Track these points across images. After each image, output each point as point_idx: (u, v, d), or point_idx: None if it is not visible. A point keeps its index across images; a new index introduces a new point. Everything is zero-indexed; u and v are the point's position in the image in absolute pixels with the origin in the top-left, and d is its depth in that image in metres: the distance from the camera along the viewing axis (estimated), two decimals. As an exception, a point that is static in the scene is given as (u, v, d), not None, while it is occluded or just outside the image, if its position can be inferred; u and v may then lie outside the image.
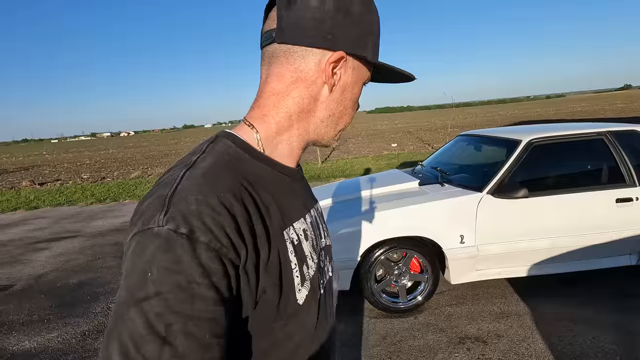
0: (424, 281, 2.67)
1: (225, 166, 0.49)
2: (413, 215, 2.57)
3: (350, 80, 0.55)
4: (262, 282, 0.46)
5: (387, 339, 2.37)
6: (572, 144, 2.75)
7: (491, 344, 2.24)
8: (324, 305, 0.59)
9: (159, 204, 0.42)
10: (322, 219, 0.67)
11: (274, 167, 0.54)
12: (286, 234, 0.51)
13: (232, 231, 0.42)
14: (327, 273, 0.63)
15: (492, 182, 2.60)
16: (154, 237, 0.40)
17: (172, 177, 0.46)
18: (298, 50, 0.51)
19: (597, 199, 2.60)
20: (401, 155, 11.46)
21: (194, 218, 0.40)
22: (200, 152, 0.51)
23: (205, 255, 0.40)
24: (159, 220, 0.40)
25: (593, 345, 2.16)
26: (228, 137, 0.53)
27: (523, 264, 2.66)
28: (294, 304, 0.50)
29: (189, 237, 0.39)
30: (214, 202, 0.42)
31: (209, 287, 0.39)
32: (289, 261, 0.50)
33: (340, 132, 0.59)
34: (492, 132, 3.38)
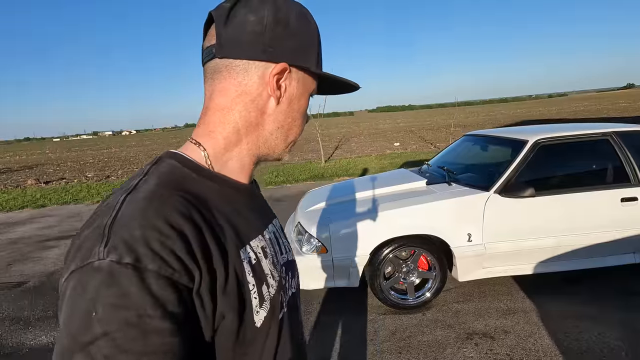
0: (431, 278, 2.72)
1: (170, 186, 0.46)
2: (421, 214, 2.62)
3: (296, 91, 0.54)
4: (219, 307, 0.44)
5: (396, 335, 2.43)
6: (578, 144, 2.79)
7: (498, 340, 2.30)
8: (287, 324, 0.57)
9: (97, 235, 0.39)
10: (282, 233, 0.66)
11: (226, 185, 0.53)
12: (243, 254, 0.49)
13: (184, 254, 0.40)
14: (290, 289, 0.61)
15: (500, 181, 2.65)
16: (95, 271, 0.37)
17: (111, 203, 0.43)
18: (240, 64, 0.51)
19: (603, 199, 2.65)
20: (404, 155, 11.50)
21: (139, 245, 0.38)
22: (142, 175, 0.48)
23: (156, 284, 0.37)
24: (99, 253, 0.37)
25: (599, 341, 2.21)
26: (173, 157, 0.51)
27: (529, 261, 2.71)
28: (252, 327, 0.48)
29: (135, 266, 0.37)
30: (161, 225, 0.40)
31: (163, 318, 0.37)
32: (246, 282, 0.48)
33: (291, 145, 0.59)
34: (498, 132, 3.42)
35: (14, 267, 4.14)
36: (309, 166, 10.42)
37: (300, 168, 10.11)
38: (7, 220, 6.66)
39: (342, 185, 3.47)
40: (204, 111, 0.54)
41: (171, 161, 0.51)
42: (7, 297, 3.38)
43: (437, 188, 2.88)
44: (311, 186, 7.12)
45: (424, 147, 13.23)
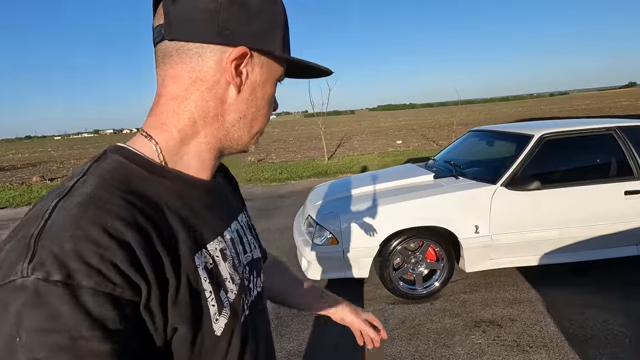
0: (439, 269, 2.79)
1: (112, 188, 0.40)
2: (430, 207, 2.69)
3: (259, 78, 0.50)
4: (171, 319, 0.40)
5: (405, 323, 2.50)
6: (583, 139, 2.86)
7: (505, 327, 2.37)
8: (251, 326, 0.54)
9: (22, 248, 0.34)
10: (248, 229, 0.62)
11: (180, 182, 0.48)
12: (197, 259, 0.45)
13: (127, 266, 0.36)
14: (256, 289, 0.59)
15: (506, 174, 2.72)
16: (18, 291, 0.32)
17: (40, 211, 0.38)
18: (192, 47, 0.45)
19: (607, 191, 2.72)
20: (406, 152, 11.56)
21: (70, 260, 0.33)
22: (79, 175, 0.42)
23: (92, 301, 0.33)
24: (23, 270, 0.33)
25: (603, 328, 2.28)
26: (119, 152, 0.46)
27: (534, 253, 2.78)
28: (211, 336, 0.45)
29: (66, 283, 0.33)
30: (98, 235, 0.35)
31: (103, 339, 0.33)
32: (202, 290, 0.44)
33: (257, 135, 0.54)
34: (504, 127, 3.49)
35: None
36: (312, 163, 10.49)
37: (303, 165, 10.18)
38: (15, 216, 6.75)
39: (351, 179, 3.54)
40: (156, 99, 0.49)
41: (116, 157, 0.45)
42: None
43: (445, 182, 2.95)
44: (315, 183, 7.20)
45: (426, 145, 13.29)
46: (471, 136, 3.82)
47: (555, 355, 2.08)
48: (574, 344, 2.16)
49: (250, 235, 0.61)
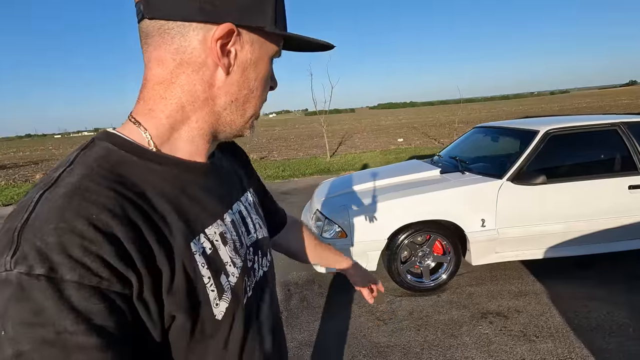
0: (446, 262, 2.84)
1: (98, 177, 0.39)
2: (437, 201, 2.74)
3: (250, 57, 0.46)
4: (167, 308, 0.40)
5: (413, 314, 2.55)
6: (588, 134, 2.90)
7: (512, 318, 2.42)
8: (256, 307, 0.54)
9: (6, 242, 0.34)
10: (253, 209, 0.60)
11: (174, 166, 0.46)
12: (194, 245, 0.44)
13: (115, 259, 0.35)
14: (261, 269, 0.58)
15: (512, 169, 2.76)
16: (3, 285, 0.33)
17: (26, 202, 0.37)
18: (174, 26, 0.43)
19: (611, 186, 2.76)
20: (408, 150, 11.60)
21: (53, 253, 0.33)
22: (66, 164, 0.41)
23: (77, 295, 0.33)
24: (6, 263, 0.33)
25: (607, 319, 2.33)
26: (107, 139, 0.44)
27: (540, 246, 2.82)
28: (211, 320, 0.45)
29: (50, 277, 0.32)
30: (83, 227, 0.35)
31: (89, 332, 0.33)
32: (200, 276, 0.44)
33: (252, 119, 0.51)
34: (509, 123, 3.53)
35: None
36: (315, 161, 10.53)
37: (306, 163, 10.23)
38: (22, 213, 6.80)
39: (358, 174, 3.59)
40: (143, 83, 0.46)
41: (105, 144, 0.44)
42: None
43: (451, 176, 2.99)
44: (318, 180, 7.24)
45: (427, 143, 13.33)
46: (476, 132, 3.86)
47: (562, 344, 2.13)
48: (579, 333, 2.21)
49: (255, 215, 0.60)
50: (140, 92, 0.47)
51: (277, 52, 0.50)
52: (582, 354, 2.03)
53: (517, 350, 2.10)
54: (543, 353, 2.06)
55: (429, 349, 2.17)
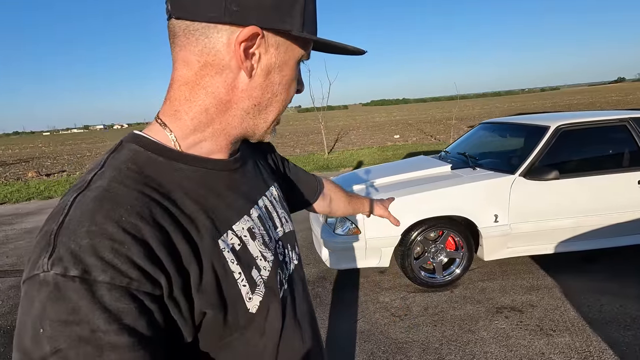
0: (459, 258, 2.85)
1: (127, 180, 0.41)
2: (451, 197, 2.74)
3: (274, 60, 0.45)
4: (198, 305, 0.41)
5: (428, 310, 2.55)
6: (597, 130, 2.92)
7: (527, 313, 2.44)
8: (291, 299, 0.55)
9: (44, 244, 0.36)
10: (279, 203, 0.62)
11: (199, 165, 0.47)
12: (222, 243, 0.45)
13: (143, 260, 0.36)
14: (292, 263, 0.59)
15: (524, 165, 2.77)
16: (41, 285, 0.34)
17: (62, 205, 0.39)
18: (199, 27, 0.42)
19: (621, 181, 2.79)
20: (406, 147, 11.62)
21: (86, 255, 0.34)
22: (98, 167, 0.43)
23: (109, 295, 0.34)
24: (43, 265, 0.34)
25: (621, 312, 2.36)
26: (135, 141, 0.46)
27: (551, 241, 2.84)
28: (245, 314, 0.46)
29: (83, 279, 0.34)
30: (113, 230, 0.36)
31: (120, 331, 0.34)
32: (230, 272, 0.45)
33: (274, 124, 0.51)
34: (516, 119, 3.55)
35: (36, 255, 4.19)
36: (312, 157, 10.51)
37: (303, 160, 10.19)
38: (17, 212, 6.66)
39: (368, 170, 3.57)
40: (170, 83, 0.47)
41: (133, 146, 0.45)
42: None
43: (463, 172, 2.99)
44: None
45: (424, 139, 13.38)
46: (482, 129, 3.87)
47: (579, 337, 2.15)
48: (595, 327, 2.23)
49: (281, 209, 0.61)
50: (167, 92, 0.47)
51: (304, 56, 0.49)
52: (599, 347, 2.05)
53: (536, 345, 2.12)
54: (562, 347, 2.08)
55: (448, 344, 2.18)
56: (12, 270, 3.75)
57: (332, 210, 0.95)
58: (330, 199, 0.94)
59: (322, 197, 0.91)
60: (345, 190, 1.00)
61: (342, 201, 0.97)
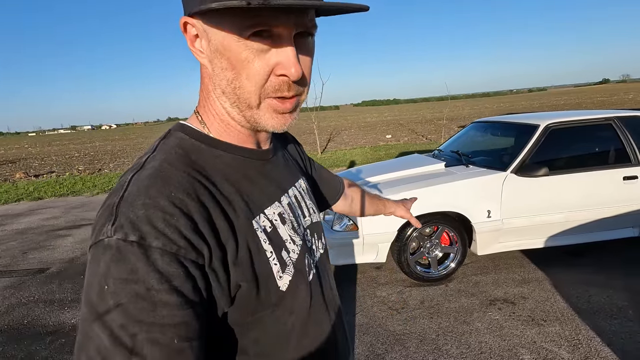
0: (453, 252, 2.93)
1: (175, 162, 0.46)
2: (445, 193, 2.81)
3: (208, 46, 0.45)
4: (233, 278, 0.45)
5: (425, 303, 2.63)
6: (584, 128, 3.04)
7: (519, 304, 2.53)
8: (318, 285, 0.58)
9: (108, 214, 0.41)
10: (307, 195, 0.65)
11: (236, 153, 0.52)
12: (256, 223, 0.49)
13: (189, 231, 0.40)
14: (318, 251, 0.62)
15: (515, 162, 2.87)
16: (106, 248, 0.38)
17: (122, 183, 0.44)
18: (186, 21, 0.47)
19: (607, 177, 2.90)
20: (398, 146, 11.74)
21: (142, 224, 0.39)
22: (151, 151, 0.48)
23: (161, 260, 0.38)
24: (107, 231, 0.39)
25: (608, 302, 2.46)
26: (180, 129, 0.51)
27: (541, 236, 2.94)
28: (276, 291, 0.49)
29: (140, 244, 0.38)
30: (164, 203, 0.41)
31: (170, 291, 0.38)
32: (263, 251, 0.48)
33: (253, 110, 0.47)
34: (507, 118, 3.65)
35: (30, 255, 4.15)
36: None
37: (297, 159, 10.22)
38: (7, 213, 6.57)
39: (364, 168, 3.64)
40: None
41: (179, 134, 0.51)
42: (32, 282, 3.42)
43: (456, 170, 3.08)
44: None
45: (415, 139, 13.53)
46: (474, 128, 3.97)
47: (568, 326, 2.24)
48: (583, 317, 2.32)
49: (309, 200, 0.64)
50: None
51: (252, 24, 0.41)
52: (588, 335, 2.15)
53: (528, 334, 2.20)
54: (552, 336, 2.17)
55: (444, 335, 2.25)
56: (5, 271, 3.71)
57: (353, 210, 0.97)
58: (352, 200, 0.96)
59: (344, 197, 0.93)
60: (364, 189, 1.01)
61: (363, 202, 0.98)
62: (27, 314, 2.83)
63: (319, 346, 0.56)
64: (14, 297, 3.11)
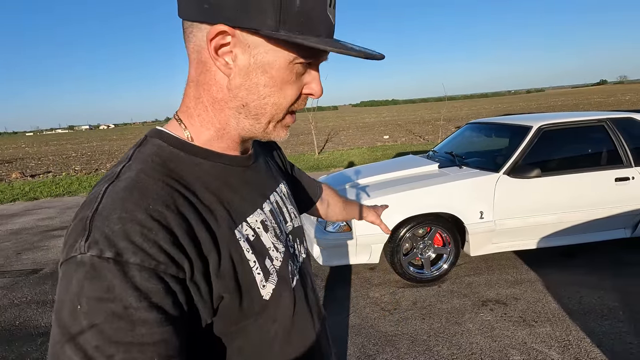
0: (446, 253, 2.94)
1: (153, 172, 0.44)
2: (438, 194, 2.82)
3: (253, 61, 0.44)
4: (216, 289, 0.44)
5: (417, 304, 2.63)
6: (577, 130, 3.05)
7: (511, 305, 2.53)
8: (302, 290, 0.58)
9: (80, 229, 0.38)
10: (288, 200, 0.64)
11: (216, 160, 0.50)
12: (238, 233, 0.48)
13: (169, 245, 0.39)
14: (300, 256, 0.62)
15: (508, 163, 2.88)
16: (78, 266, 0.37)
17: (95, 194, 0.42)
18: (189, 26, 0.45)
19: (599, 179, 2.92)
20: (395, 147, 11.76)
21: (119, 239, 0.37)
22: (126, 160, 0.46)
23: (139, 276, 0.37)
24: (80, 247, 0.37)
25: (599, 303, 2.48)
26: (158, 136, 0.49)
27: (533, 237, 2.96)
28: (259, 300, 0.49)
29: (117, 260, 0.36)
30: (142, 217, 0.39)
31: (149, 309, 0.37)
32: (246, 260, 0.48)
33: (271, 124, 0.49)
34: (501, 119, 3.66)
35: (24, 256, 4.14)
36: (303, 158, 10.55)
37: (294, 160, 10.23)
38: (2, 213, 6.54)
39: (358, 169, 3.64)
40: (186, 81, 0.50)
41: (157, 141, 0.48)
42: (25, 282, 3.40)
43: (450, 171, 3.09)
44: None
45: (413, 140, 13.55)
46: (469, 129, 3.98)
47: (559, 327, 2.25)
48: (574, 317, 2.33)
49: (290, 205, 0.64)
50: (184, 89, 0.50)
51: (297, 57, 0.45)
52: (578, 336, 2.16)
53: (519, 335, 2.21)
54: (543, 336, 2.18)
55: (436, 336, 2.25)
56: (-1, 272, 3.70)
57: (329, 215, 0.98)
58: (328, 204, 0.97)
59: (321, 202, 0.94)
60: (340, 195, 1.03)
61: (338, 206, 0.99)
62: (19, 315, 2.82)
63: (302, 352, 0.56)
64: (7, 298, 3.10)
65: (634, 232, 3.03)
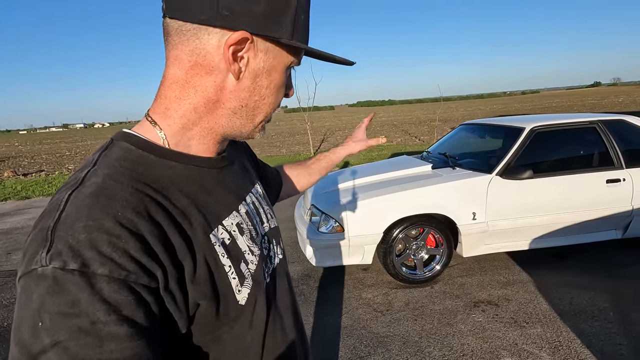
0: (439, 254, 2.94)
1: (121, 177, 0.42)
2: (431, 195, 2.83)
3: (263, 65, 0.47)
4: (192, 297, 0.43)
5: (410, 305, 2.63)
6: (569, 131, 3.07)
7: (502, 306, 2.54)
8: (274, 292, 0.57)
9: (41, 239, 0.36)
10: (264, 200, 0.64)
11: (190, 162, 0.48)
12: (214, 237, 0.47)
13: (140, 253, 0.37)
14: (276, 257, 0.61)
15: (501, 164, 2.89)
16: (39, 279, 0.34)
17: (56, 202, 0.39)
18: (191, 28, 0.44)
19: (590, 180, 2.94)
20: (390, 147, 11.77)
21: (85, 249, 0.35)
22: (91, 165, 0.43)
23: (108, 288, 0.35)
24: (41, 259, 0.35)
25: (589, 304, 2.49)
26: (126, 139, 0.46)
27: (526, 238, 2.97)
28: (235, 306, 0.48)
29: (82, 272, 0.34)
30: (110, 225, 0.37)
31: (119, 322, 0.35)
32: (221, 265, 0.46)
33: (261, 124, 0.52)
34: (494, 121, 3.68)
35: (14, 256, 4.09)
36: (299, 158, 10.54)
37: (289, 160, 10.22)
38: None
39: (351, 170, 3.64)
40: (162, 80, 0.48)
41: (124, 144, 0.46)
42: (15, 283, 3.36)
43: (443, 172, 3.09)
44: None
45: (408, 140, 13.58)
46: (462, 130, 3.99)
47: (550, 328, 2.26)
48: (565, 318, 2.35)
49: (266, 206, 0.63)
50: (158, 89, 0.48)
51: (294, 62, 0.50)
52: (569, 337, 2.17)
53: (510, 336, 2.22)
54: (534, 337, 2.19)
55: (427, 338, 2.25)
56: (-12, 272, 3.65)
57: (302, 183, 0.94)
58: (290, 180, 0.93)
59: (285, 180, 0.91)
60: (301, 162, 0.97)
61: (302, 174, 0.94)
62: (7, 316, 2.78)
63: (277, 355, 0.56)
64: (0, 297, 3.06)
65: (625, 234, 3.05)
